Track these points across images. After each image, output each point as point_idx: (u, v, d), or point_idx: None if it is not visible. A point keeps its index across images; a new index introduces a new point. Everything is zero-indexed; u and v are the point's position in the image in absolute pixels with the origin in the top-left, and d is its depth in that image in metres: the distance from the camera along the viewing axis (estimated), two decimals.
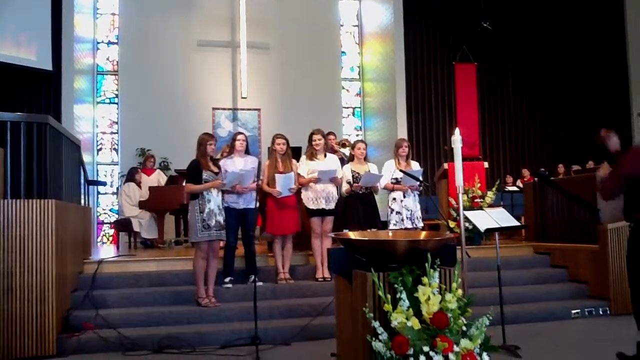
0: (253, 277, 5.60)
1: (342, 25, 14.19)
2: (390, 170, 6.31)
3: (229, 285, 5.83)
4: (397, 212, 6.21)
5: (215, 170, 5.63)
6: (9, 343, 4.53)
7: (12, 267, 4.60)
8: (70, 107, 10.75)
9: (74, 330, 4.98)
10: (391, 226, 6.17)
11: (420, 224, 6.33)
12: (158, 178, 9.50)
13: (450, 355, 2.67)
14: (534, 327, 5.46)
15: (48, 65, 10.63)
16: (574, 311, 5.89)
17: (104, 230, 12.35)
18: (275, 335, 5.04)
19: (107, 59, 12.83)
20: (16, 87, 10.66)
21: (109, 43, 12.87)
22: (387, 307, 2.77)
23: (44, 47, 10.60)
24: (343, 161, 6.75)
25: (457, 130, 3.91)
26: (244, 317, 5.28)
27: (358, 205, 6.09)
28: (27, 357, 4.58)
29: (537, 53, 13.31)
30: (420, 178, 5.84)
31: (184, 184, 7.49)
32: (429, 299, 2.76)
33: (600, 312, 5.94)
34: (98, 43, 12.80)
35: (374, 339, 2.76)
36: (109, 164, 12.62)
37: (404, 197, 6.22)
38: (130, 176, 9.20)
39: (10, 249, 4.62)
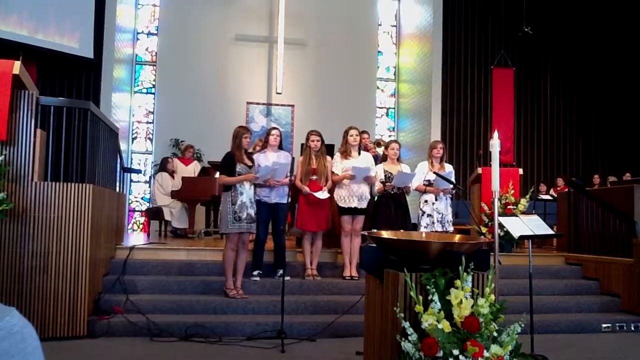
0: (281, 271, 5.63)
1: (380, 25, 14.13)
2: (423, 172, 6.26)
3: (257, 279, 5.87)
4: (428, 215, 6.18)
5: (249, 163, 5.68)
6: (42, 322, 4.64)
7: (49, 247, 4.71)
8: (109, 95, 10.92)
9: (104, 313, 5.08)
10: (421, 229, 6.13)
11: (451, 228, 6.28)
12: (194, 169, 9.61)
13: None
14: (562, 338, 5.36)
15: (89, 54, 10.82)
16: (604, 325, 5.76)
17: (135, 218, 12.56)
18: (300, 330, 5.07)
19: (146, 49, 13.03)
20: (58, 73, 10.91)
21: (149, 34, 13.08)
22: (419, 308, 2.75)
23: (86, 36, 10.80)
24: (377, 159, 6.72)
25: (495, 134, 3.84)
26: (270, 311, 5.34)
27: (389, 205, 6.06)
28: (59, 336, 4.68)
29: (576, 60, 13.03)
30: (454, 181, 5.79)
31: (216, 175, 7.57)
32: (461, 302, 2.74)
33: (632, 328, 5.79)
34: (138, 33, 13.02)
35: (403, 339, 2.75)
36: (143, 153, 12.82)
37: (436, 199, 6.18)
38: (163, 166, 9.32)
39: (48, 229, 4.72)
